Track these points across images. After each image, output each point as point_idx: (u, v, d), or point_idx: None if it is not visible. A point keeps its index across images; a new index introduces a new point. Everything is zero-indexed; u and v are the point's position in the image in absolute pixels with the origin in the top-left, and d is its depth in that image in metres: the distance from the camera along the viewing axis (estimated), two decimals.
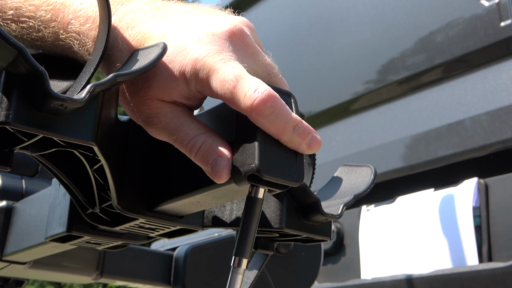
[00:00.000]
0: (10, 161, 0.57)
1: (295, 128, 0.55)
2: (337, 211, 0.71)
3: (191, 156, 0.57)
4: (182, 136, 0.57)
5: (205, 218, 0.76)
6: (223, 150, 0.55)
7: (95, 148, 0.54)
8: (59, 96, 0.47)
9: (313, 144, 0.56)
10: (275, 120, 0.54)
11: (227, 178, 0.55)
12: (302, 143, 0.55)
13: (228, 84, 0.54)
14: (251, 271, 0.82)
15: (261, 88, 0.54)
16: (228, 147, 0.56)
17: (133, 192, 0.65)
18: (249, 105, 0.53)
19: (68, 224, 0.75)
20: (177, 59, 0.56)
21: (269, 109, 0.53)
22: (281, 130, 0.54)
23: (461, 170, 1.66)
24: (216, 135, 0.57)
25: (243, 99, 0.53)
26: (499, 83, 1.58)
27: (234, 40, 0.57)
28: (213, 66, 0.55)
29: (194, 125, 0.58)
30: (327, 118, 2.07)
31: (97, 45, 0.54)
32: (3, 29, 0.45)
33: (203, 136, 0.57)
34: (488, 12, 1.60)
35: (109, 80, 0.50)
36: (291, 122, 0.55)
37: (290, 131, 0.55)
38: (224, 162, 0.55)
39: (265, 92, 0.53)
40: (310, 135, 0.56)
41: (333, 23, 2.09)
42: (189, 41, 0.56)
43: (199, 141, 0.57)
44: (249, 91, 0.53)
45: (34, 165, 1.31)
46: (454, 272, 1.49)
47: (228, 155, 0.55)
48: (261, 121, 0.53)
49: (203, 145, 0.56)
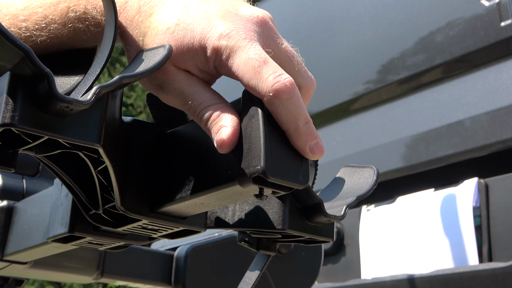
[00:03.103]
0: (14, 162, 0.57)
1: (305, 125, 0.55)
2: (340, 213, 0.71)
3: (202, 126, 0.57)
4: (196, 105, 0.57)
5: (208, 219, 0.76)
6: (233, 122, 0.55)
7: (100, 150, 0.54)
8: (65, 98, 0.47)
9: (316, 149, 0.55)
10: (290, 107, 0.53)
11: (231, 150, 0.54)
12: (307, 144, 0.55)
13: (252, 63, 0.53)
14: (253, 272, 0.81)
15: (284, 75, 0.53)
16: (235, 119, 0.55)
17: (137, 193, 0.64)
18: (270, 86, 0.53)
19: (70, 225, 0.74)
20: (197, 30, 0.55)
21: (288, 94, 0.53)
22: (293, 120, 0.54)
23: (461, 170, 1.66)
24: (229, 106, 0.57)
25: (265, 79, 0.53)
26: (499, 83, 1.59)
27: (258, 24, 0.57)
28: (237, 44, 0.54)
29: (209, 95, 0.57)
30: (327, 118, 2.07)
31: (104, 46, 0.54)
32: (8, 31, 0.45)
33: (213, 107, 0.56)
34: (488, 12, 1.60)
35: (115, 82, 0.49)
36: (304, 116, 0.54)
37: (300, 125, 0.54)
38: (232, 133, 0.54)
39: (287, 78, 0.53)
40: (317, 140, 0.55)
41: (333, 23, 2.09)
42: (212, 16, 0.56)
43: (209, 111, 0.56)
44: (273, 74, 0.53)
45: (35, 164, 1.31)
46: (454, 272, 1.50)
47: (237, 127, 0.55)
48: (277, 104, 0.53)
49: (212, 115, 0.56)
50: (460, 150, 1.62)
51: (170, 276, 1.29)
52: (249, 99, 0.55)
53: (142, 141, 0.66)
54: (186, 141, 0.64)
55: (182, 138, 0.64)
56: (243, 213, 0.76)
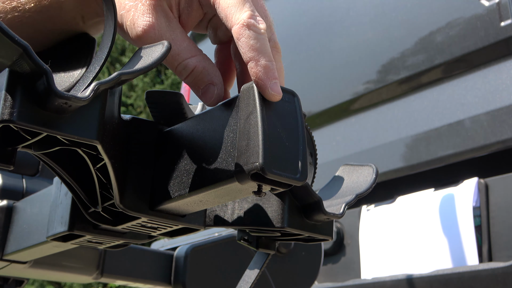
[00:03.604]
0: (13, 159, 0.57)
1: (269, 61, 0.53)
2: (339, 211, 0.71)
3: (181, 78, 0.56)
4: (173, 55, 0.56)
5: (207, 217, 0.76)
6: (215, 78, 0.54)
7: (98, 147, 0.54)
8: (63, 95, 0.47)
9: (275, 87, 0.53)
10: (258, 42, 0.53)
11: (216, 104, 0.53)
12: (268, 82, 0.53)
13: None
14: (252, 271, 0.81)
15: (260, 17, 0.54)
16: (219, 74, 0.55)
17: (136, 191, 0.64)
18: (246, 18, 0.53)
19: (69, 223, 0.74)
20: None
21: (258, 29, 0.53)
22: (257, 52, 0.53)
23: (461, 170, 1.66)
24: (208, 60, 0.56)
25: (243, 11, 0.53)
26: (499, 83, 1.59)
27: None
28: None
29: (186, 45, 0.56)
30: (327, 118, 2.07)
31: (103, 43, 0.54)
32: (7, 27, 0.45)
33: (194, 59, 0.56)
34: (488, 12, 1.60)
35: (114, 79, 0.49)
36: (269, 55, 0.53)
37: (264, 60, 0.53)
38: (217, 90, 0.54)
39: (262, 20, 0.53)
40: (276, 80, 0.53)
41: (333, 23, 2.09)
42: None
43: (191, 64, 0.55)
44: (252, 11, 0.53)
45: (35, 164, 1.31)
46: (454, 272, 1.50)
47: (220, 83, 0.54)
48: (246, 33, 0.52)
49: (195, 69, 0.55)
50: (460, 150, 1.63)
51: (170, 275, 1.29)
52: (247, 96, 0.55)
53: (141, 139, 0.66)
54: (185, 138, 0.64)
55: (181, 136, 0.64)
56: (242, 211, 0.76)
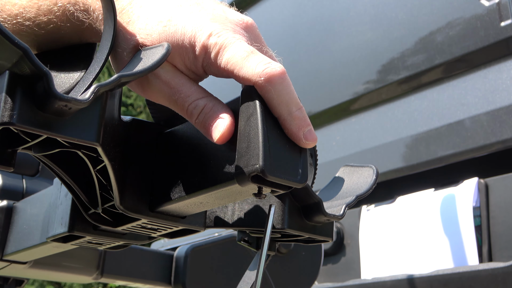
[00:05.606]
0: (13, 161, 0.57)
1: (298, 110, 0.54)
2: (339, 212, 0.71)
3: (191, 120, 0.57)
4: (183, 97, 0.57)
5: (207, 218, 0.76)
6: (225, 114, 0.55)
7: (98, 149, 0.54)
8: (63, 97, 0.47)
9: (309, 136, 0.55)
10: (283, 91, 0.53)
11: (227, 140, 0.54)
12: (301, 130, 0.54)
13: (241, 54, 0.54)
14: (252, 271, 0.81)
15: (274, 62, 0.54)
16: (229, 111, 0.55)
17: (136, 192, 0.64)
18: (261, 71, 0.53)
19: (69, 224, 0.74)
20: (188, 28, 0.56)
21: (279, 78, 0.53)
22: (285, 105, 0.54)
23: (461, 170, 1.66)
24: (217, 100, 0.57)
25: (255, 66, 0.53)
26: (499, 83, 1.58)
27: (246, 29, 0.58)
28: (226, 41, 0.54)
29: (195, 88, 0.57)
30: (327, 118, 2.07)
31: (103, 44, 0.54)
32: (7, 30, 0.45)
33: (204, 100, 0.56)
34: (488, 12, 1.60)
35: (114, 81, 0.49)
36: (296, 102, 0.54)
37: (294, 110, 0.54)
38: (227, 124, 0.54)
39: (277, 64, 0.54)
40: (309, 127, 0.55)
41: (333, 23, 2.09)
42: (203, 17, 0.56)
43: (200, 104, 0.56)
44: (263, 61, 0.53)
45: (35, 164, 1.31)
46: (454, 272, 1.50)
47: (230, 118, 0.55)
48: (268, 89, 0.53)
49: (204, 108, 0.56)
50: (460, 150, 1.62)
51: (170, 276, 1.29)
52: (247, 98, 0.55)
53: (141, 140, 0.66)
54: (185, 140, 0.64)
55: (181, 137, 0.64)
56: (242, 213, 0.76)
